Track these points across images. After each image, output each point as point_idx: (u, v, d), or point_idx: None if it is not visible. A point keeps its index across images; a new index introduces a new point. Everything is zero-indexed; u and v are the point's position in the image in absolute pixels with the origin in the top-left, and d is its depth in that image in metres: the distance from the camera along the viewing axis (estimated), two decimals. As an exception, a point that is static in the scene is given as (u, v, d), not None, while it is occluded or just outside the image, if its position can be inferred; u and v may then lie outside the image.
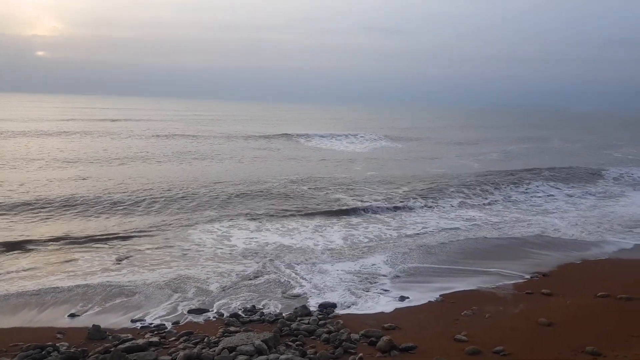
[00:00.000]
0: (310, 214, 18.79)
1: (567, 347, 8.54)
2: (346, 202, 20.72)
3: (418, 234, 17.16)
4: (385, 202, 21.00)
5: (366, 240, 16.18)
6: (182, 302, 10.79)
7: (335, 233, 16.77)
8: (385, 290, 11.77)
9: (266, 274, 12.59)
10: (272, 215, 18.29)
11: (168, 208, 18.50)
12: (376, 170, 30.78)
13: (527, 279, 12.78)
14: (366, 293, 11.58)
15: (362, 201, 20.99)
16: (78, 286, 11.38)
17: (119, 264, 12.98)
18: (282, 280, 12.28)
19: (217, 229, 16.48)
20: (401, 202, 21.19)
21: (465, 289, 11.97)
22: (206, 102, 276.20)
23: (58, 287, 11.25)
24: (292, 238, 16.03)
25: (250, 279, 12.25)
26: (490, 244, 16.14)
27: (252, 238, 15.77)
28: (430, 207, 21.06)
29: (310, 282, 12.16)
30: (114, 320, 9.85)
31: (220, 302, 10.86)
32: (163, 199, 19.58)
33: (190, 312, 10.32)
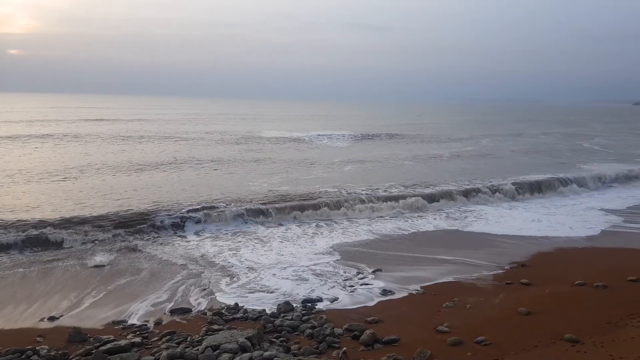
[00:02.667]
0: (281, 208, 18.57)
1: (547, 335, 8.73)
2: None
3: (375, 224, 17.71)
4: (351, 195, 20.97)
5: (329, 232, 16.59)
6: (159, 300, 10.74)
7: (294, 226, 17.23)
8: (366, 284, 11.84)
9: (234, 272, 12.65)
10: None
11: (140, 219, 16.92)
12: (353, 166, 30.87)
13: (506, 269, 13.01)
14: (347, 287, 11.66)
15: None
16: (54, 290, 11.27)
17: (97, 267, 12.86)
18: (246, 275, 12.37)
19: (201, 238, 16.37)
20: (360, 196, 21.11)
21: (445, 280, 12.16)
22: (184, 99, 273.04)
23: (33, 294, 11.10)
24: (261, 233, 16.38)
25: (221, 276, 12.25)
26: (448, 234, 16.85)
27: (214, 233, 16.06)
28: (388, 199, 20.94)
29: (283, 278, 12.26)
30: (95, 321, 9.70)
31: (198, 298, 10.84)
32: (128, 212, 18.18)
33: (172, 311, 10.23)
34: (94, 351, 8.06)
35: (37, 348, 8.31)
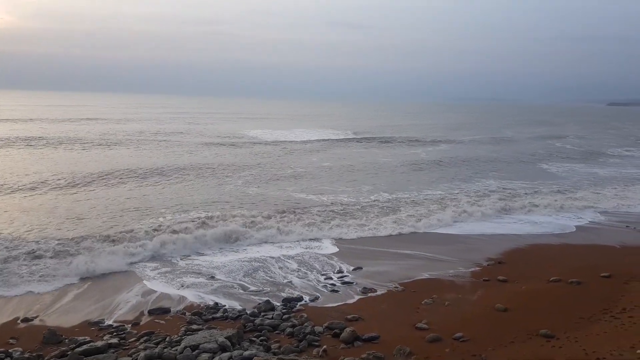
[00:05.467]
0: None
1: (523, 331, 8.87)
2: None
3: (342, 219, 17.69)
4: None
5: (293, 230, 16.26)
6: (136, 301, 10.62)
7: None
8: (347, 283, 11.87)
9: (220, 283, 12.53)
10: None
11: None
12: (331, 162, 30.92)
13: (483, 266, 13.16)
14: (327, 285, 11.68)
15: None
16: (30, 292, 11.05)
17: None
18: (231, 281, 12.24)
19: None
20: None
21: (424, 277, 12.25)
22: (167, 97, 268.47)
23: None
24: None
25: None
26: (424, 234, 16.79)
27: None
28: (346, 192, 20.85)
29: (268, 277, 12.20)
30: (71, 323, 9.52)
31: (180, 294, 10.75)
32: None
33: (150, 312, 10.10)
34: (69, 353, 7.92)
35: (10, 350, 8.13)
